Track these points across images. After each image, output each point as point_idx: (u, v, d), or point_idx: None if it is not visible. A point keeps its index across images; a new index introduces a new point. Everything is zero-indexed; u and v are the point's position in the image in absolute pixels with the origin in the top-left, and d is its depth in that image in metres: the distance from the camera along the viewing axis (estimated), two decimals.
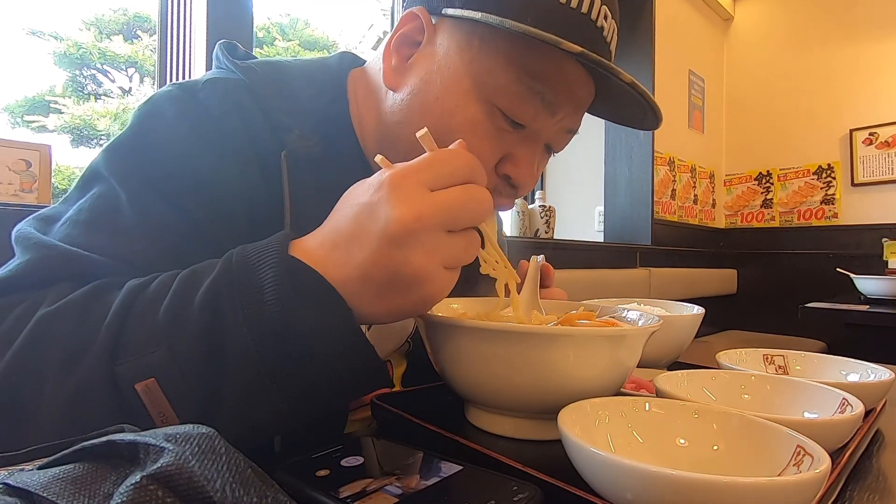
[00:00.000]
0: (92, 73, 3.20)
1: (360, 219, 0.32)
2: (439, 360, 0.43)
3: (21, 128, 3.00)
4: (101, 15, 3.37)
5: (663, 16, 2.42)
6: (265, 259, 0.32)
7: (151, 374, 0.30)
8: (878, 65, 2.41)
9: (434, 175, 0.33)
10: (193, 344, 0.31)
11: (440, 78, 0.47)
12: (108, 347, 0.31)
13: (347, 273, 0.32)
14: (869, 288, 1.88)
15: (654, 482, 0.25)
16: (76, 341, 0.31)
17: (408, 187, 0.32)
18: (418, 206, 0.31)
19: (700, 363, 0.57)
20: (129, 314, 0.32)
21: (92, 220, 0.39)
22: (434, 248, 0.32)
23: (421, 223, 0.31)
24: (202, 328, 0.31)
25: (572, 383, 0.38)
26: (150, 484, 0.19)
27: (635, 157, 2.39)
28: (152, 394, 0.30)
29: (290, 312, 0.31)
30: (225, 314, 0.31)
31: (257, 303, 0.31)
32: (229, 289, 0.31)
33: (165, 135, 0.43)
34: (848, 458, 0.36)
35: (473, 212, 0.33)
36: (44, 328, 0.32)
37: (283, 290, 0.31)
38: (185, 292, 0.32)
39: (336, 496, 0.28)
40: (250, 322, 0.31)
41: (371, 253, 0.32)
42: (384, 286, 0.32)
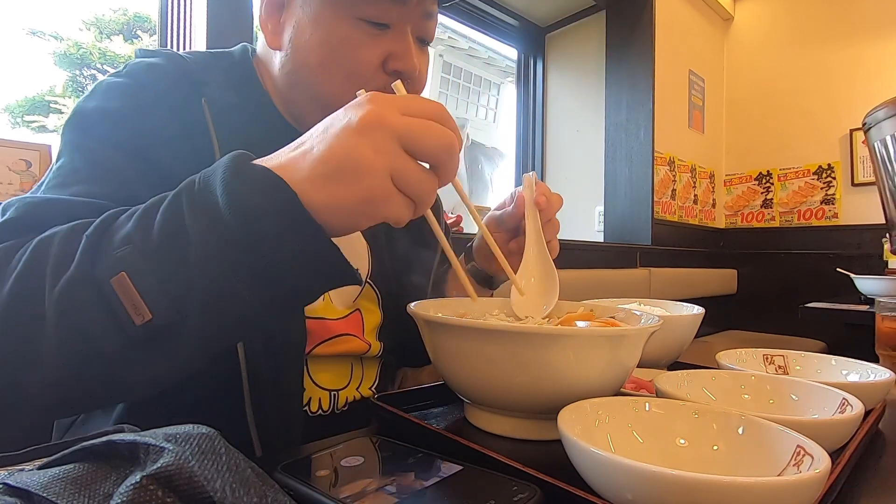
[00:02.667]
0: (92, 73, 3.20)
1: (331, 121, 0.35)
2: (439, 360, 0.43)
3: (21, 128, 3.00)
4: (101, 15, 3.37)
5: (663, 16, 2.42)
6: (217, 168, 0.35)
7: (122, 269, 0.33)
8: (878, 65, 2.41)
9: (408, 103, 0.35)
10: (157, 238, 0.34)
11: (307, 19, 0.55)
12: (88, 255, 0.35)
13: (300, 163, 0.34)
14: (869, 288, 1.88)
15: (654, 482, 0.25)
16: (63, 255, 0.35)
17: (382, 102, 0.35)
18: (385, 111, 0.34)
19: (700, 363, 0.57)
20: (106, 230, 0.36)
21: (59, 182, 0.46)
22: (386, 150, 0.34)
23: (382, 122, 0.33)
24: (164, 225, 0.34)
25: (572, 383, 0.38)
26: (150, 484, 0.19)
27: (635, 157, 2.39)
28: (124, 287, 0.33)
29: (239, 205, 0.33)
30: (184, 211, 0.34)
31: (210, 202, 0.34)
32: (187, 197, 0.35)
33: (101, 104, 0.51)
34: (848, 458, 0.36)
35: (432, 140, 0.35)
36: (38, 251, 0.36)
37: (231, 186, 0.33)
38: (154, 204, 0.36)
39: (336, 496, 0.28)
40: (207, 221, 0.33)
41: (330, 141, 0.34)
42: (332, 172, 0.34)
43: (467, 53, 3.01)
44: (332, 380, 0.61)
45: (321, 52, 0.54)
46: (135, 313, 0.33)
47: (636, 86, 2.40)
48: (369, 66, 0.55)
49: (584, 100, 2.66)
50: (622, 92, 2.45)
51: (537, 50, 2.79)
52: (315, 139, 0.35)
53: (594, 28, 2.61)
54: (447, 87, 2.93)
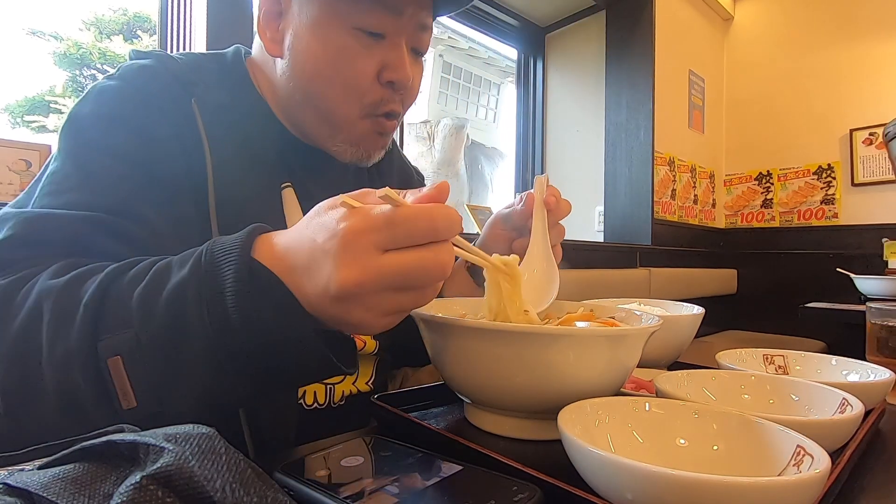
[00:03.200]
0: (92, 73, 3.19)
1: (312, 259, 0.33)
2: (439, 360, 0.43)
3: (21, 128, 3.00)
4: (101, 15, 3.36)
5: (663, 16, 2.41)
6: (229, 258, 0.34)
7: (118, 353, 0.33)
8: (878, 65, 2.41)
9: (391, 236, 0.31)
10: (158, 333, 0.34)
11: (304, 26, 0.56)
12: (89, 324, 0.34)
13: (300, 297, 0.34)
14: (869, 288, 1.88)
15: (654, 482, 0.25)
16: (63, 315, 0.35)
17: (357, 248, 0.31)
18: (361, 272, 0.31)
19: (700, 363, 0.57)
20: (107, 296, 0.36)
21: (53, 190, 0.46)
22: (374, 305, 0.33)
23: (361, 289, 0.31)
24: (168, 320, 0.34)
25: (572, 383, 0.38)
26: (150, 484, 0.19)
27: (635, 157, 2.39)
28: (118, 371, 0.33)
29: (249, 314, 0.33)
30: (188, 311, 0.34)
31: (218, 301, 0.33)
32: (196, 285, 0.34)
33: (94, 109, 0.51)
34: (848, 458, 0.36)
35: (425, 277, 0.33)
36: (40, 301, 0.36)
37: (243, 290, 0.33)
38: (157, 282, 0.35)
39: (336, 496, 0.28)
40: (213, 322, 0.33)
41: (316, 296, 0.33)
42: (327, 321, 0.35)
43: (467, 53, 3.02)
44: None
45: (318, 61, 0.55)
46: (123, 397, 0.34)
47: (636, 86, 2.39)
48: (365, 77, 0.56)
49: (584, 100, 2.65)
50: (622, 92, 2.45)
51: (537, 50, 2.79)
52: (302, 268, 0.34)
53: (594, 28, 2.61)
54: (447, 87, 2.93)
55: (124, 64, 0.56)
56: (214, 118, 0.55)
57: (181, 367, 0.34)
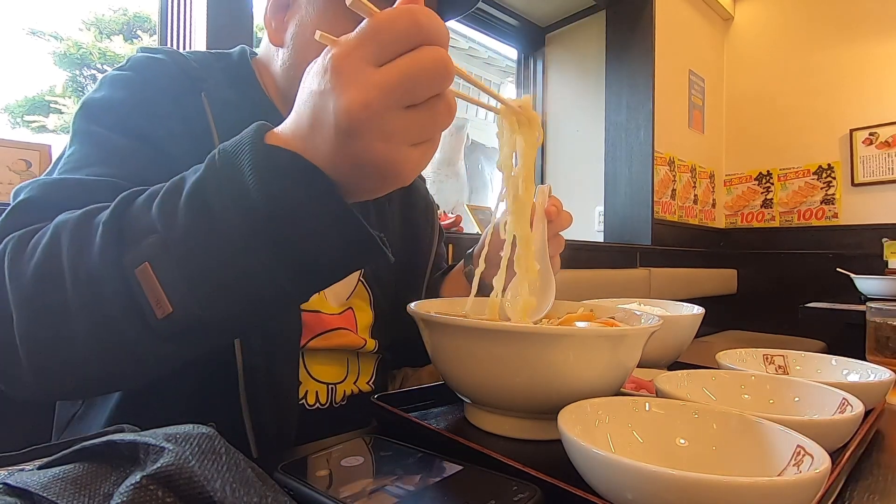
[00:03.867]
0: (92, 73, 3.19)
1: (315, 110, 0.31)
2: (439, 360, 0.43)
3: (21, 128, 3.00)
4: (101, 15, 3.36)
5: (663, 16, 2.41)
6: (243, 148, 0.33)
7: (146, 259, 0.33)
8: (878, 64, 2.41)
9: (378, 46, 0.29)
10: (184, 231, 0.33)
11: (311, 16, 0.57)
12: (110, 241, 0.34)
13: (318, 161, 0.32)
14: (869, 288, 1.88)
15: (654, 482, 0.25)
16: (81, 240, 0.35)
17: (350, 69, 0.29)
18: (363, 91, 0.29)
19: (700, 363, 0.57)
20: (126, 213, 0.35)
21: (69, 168, 0.47)
22: (393, 130, 0.30)
23: (370, 109, 0.29)
24: (191, 217, 0.33)
25: (572, 383, 0.38)
26: (150, 484, 0.19)
27: (635, 157, 2.39)
28: (147, 278, 0.32)
29: (271, 188, 0.31)
30: (212, 202, 0.32)
31: (240, 186, 0.32)
32: (214, 179, 0.33)
33: (107, 95, 0.52)
34: (848, 458, 0.36)
35: (429, 79, 0.30)
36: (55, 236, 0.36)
37: (261, 171, 0.32)
38: (174, 190, 0.35)
39: (336, 496, 0.28)
40: (236, 204, 0.32)
41: (331, 146, 0.31)
42: (354, 173, 0.32)
43: (467, 53, 3.01)
44: (329, 373, 0.61)
45: (320, 47, 0.55)
46: (156, 306, 0.32)
47: (636, 86, 2.39)
48: None
49: (584, 100, 2.65)
50: (622, 92, 2.45)
51: (537, 50, 2.79)
52: (308, 127, 0.32)
53: (594, 28, 2.61)
54: None
55: (134, 56, 0.57)
56: (222, 113, 0.55)
57: (211, 261, 0.32)
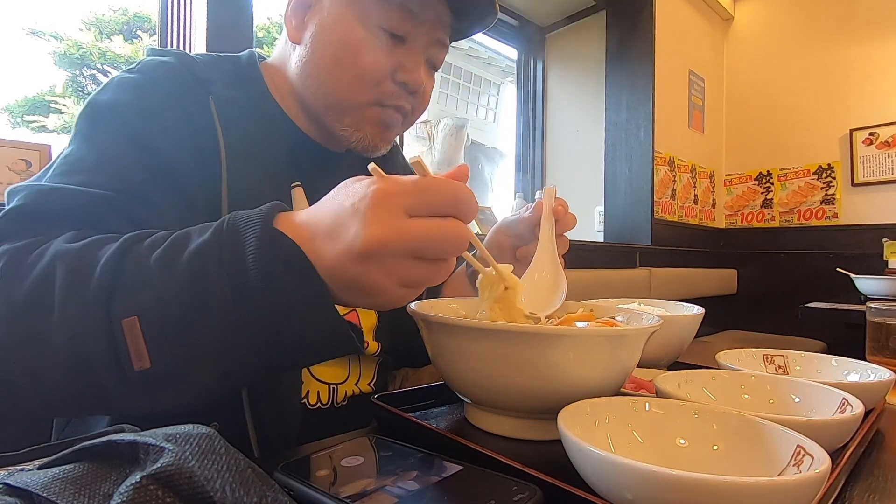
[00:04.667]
0: (92, 73, 3.19)
1: (338, 222, 0.34)
2: (439, 360, 0.43)
3: (21, 128, 3.00)
4: (101, 15, 3.36)
5: (663, 16, 2.41)
6: (252, 224, 0.35)
7: (136, 313, 0.33)
8: (878, 64, 2.41)
9: (418, 201, 0.33)
10: (178, 292, 0.34)
11: (330, 20, 0.58)
12: (106, 284, 0.34)
13: (317, 263, 0.35)
14: (869, 288, 1.88)
15: (654, 482, 0.25)
16: (79, 276, 0.35)
17: (386, 208, 0.33)
18: (388, 230, 0.32)
19: (700, 363, 0.57)
20: (125, 258, 0.36)
21: (65, 171, 0.47)
22: (394, 270, 0.33)
23: (386, 248, 0.32)
24: (187, 281, 0.34)
25: (572, 383, 0.38)
26: (150, 484, 0.19)
27: (635, 157, 2.39)
28: (133, 331, 0.33)
29: (267, 273, 0.34)
30: (210, 269, 0.34)
31: (239, 261, 0.34)
32: (217, 249, 0.35)
33: (113, 97, 0.52)
34: (848, 458, 0.36)
35: (445, 247, 0.34)
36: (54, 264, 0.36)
37: (263, 254, 0.34)
38: (176, 247, 0.36)
39: (336, 496, 0.28)
40: (232, 280, 0.34)
41: (336, 259, 0.34)
42: (344, 287, 0.35)
43: (467, 53, 3.01)
44: (330, 374, 0.61)
45: (338, 49, 0.58)
46: (136, 359, 0.33)
47: (636, 86, 2.39)
48: (379, 71, 0.58)
49: (584, 100, 2.65)
50: (622, 92, 2.45)
51: (537, 50, 2.79)
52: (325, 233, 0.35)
53: (594, 28, 2.61)
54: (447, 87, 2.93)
55: (144, 59, 0.57)
56: (229, 115, 0.56)
57: (198, 328, 0.34)
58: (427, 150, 2.19)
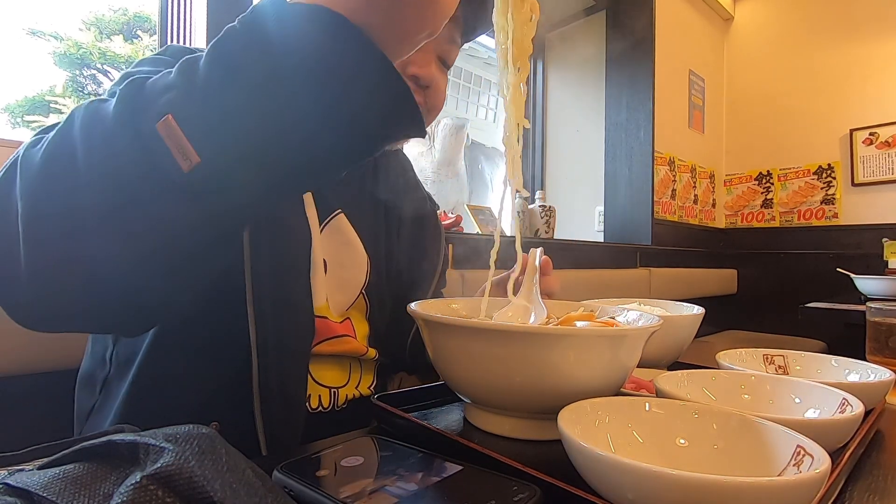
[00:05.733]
0: (92, 73, 3.19)
1: None
2: (439, 360, 0.43)
3: (21, 128, 3.00)
4: (101, 15, 3.36)
5: (663, 16, 2.41)
6: (264, 4, 0.32)
7: (168, 111, 0.31)
8: (878, 64, 2.41)
9: None
10: (204, 79, 0.31)
11: None
12: (127, 105, 0.32)
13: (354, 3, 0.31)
14: (869, 288, 1.88)
15: (654, 482, 0.25)
16: (94, 111, 0.34)
17: None
18: None
19: (700, 363, 0.57)
20: (144, 84, 0.34)
21: None
22: None
23: None
24: (211, 66, 0.31)
25: (572, 383, 0.38)
26: (151, 484, 0.19)
27: (635, 157, 2.39)
28: (170, 130, 0.30)
29: (302, 39, 0.30)
30: (233, 52, 0.31)
31: (262, 33, 0.31)
32: (234, 36, 0.32)
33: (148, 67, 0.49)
34: (848, 458, 0.36)
35: None
36: (69, 118, 0.35)
37: (289, 22, 0.31)
38: (192, 60, 0.33)
39: (336, 496, 0.28)
40: (264, 57, 0.31)
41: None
42: (394, 8, 0.32)
43: (467, 53, 3.01)
44: (332, 378, 0.61)
45: None
46: (182, 158, 0.30)
47: (636, 86, 2.39)
48: None
49: (584, 100, 2.65)
50: (622, 92, 2.45)
51: (537, 50, 2.79)
52: None
53: (594, 28, 2.61)
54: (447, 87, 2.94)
55: (168, 46, 0.57)
56: None
57: (239, 109, 0.31)
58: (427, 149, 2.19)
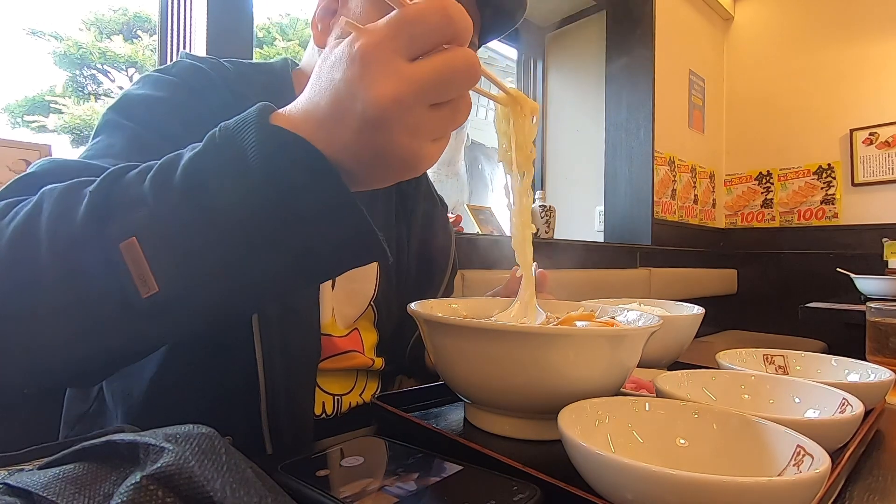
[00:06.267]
0: (92, 73, 3.19)
1: (338, 98, 0.30)
2: (439, 360, 0.43)
3: (21, 128, 3.00)
4: (101, 15, 3.36)
5: (663, 16, 2.41)
6: (247, 126, 0.32)
7: (133, 234, 0.30)
8: (878, 64, 2.41)
9: (409, 39, 0.29)
10: (176, 205, 0.31)
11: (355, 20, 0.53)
12: (95, 211, 0.32)
13: (335, 150, 0.31)
14: (869, 288, 1.88)
15: (654, 482, 0.25)
16: (64, 207, 0.33)
17: (381, 61, 0.29)
18: (395, 84, 0.28)
19: (700, 363, 0.57)
20: (115, 184, 0.33)
21: (91, 156, 0.46)
22: (418, 126, 0.30)
23: (400, 105, 0.29)
24: (185, 191, 0.31)
25: (572, 383, 0.38)
26: (150, 484, 0.19)
27: (635, 157, 2.39)
28: (133, 254, 0.30)
29: (275, 171, 0.30)
30: (209, 177, 0.31)
31: (241, 164, 0.30)
32: (213, 155, 0.32)
33: (148, 93, 0.52)
34: (848, 458, 0.36)
35: (459, 82, 0.30)
36: (39, 203, 0.34)
37: (267, 152, 0.30)
38: (169, 165, 0.33)
39: (336, 496, 0.28)
40: (234, 182, 0.30)
41: (354, 135, 0.30)
42: (372, 164, 0.31)
43: None
44: (337, 385, 0.61)
45: None
46: (141, 285, 0.30)
47: (636, 86, 2.39)
48: None
49: (584, 100, 2.65)
50: (622, 92, 2.45)
51: (537, 50, 2.79)
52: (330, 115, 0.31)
53: (594, 28, 2.61)
54: None
55: (179, 61, 0.57)
56: None
57: (204, 240, 0.31)
58: None
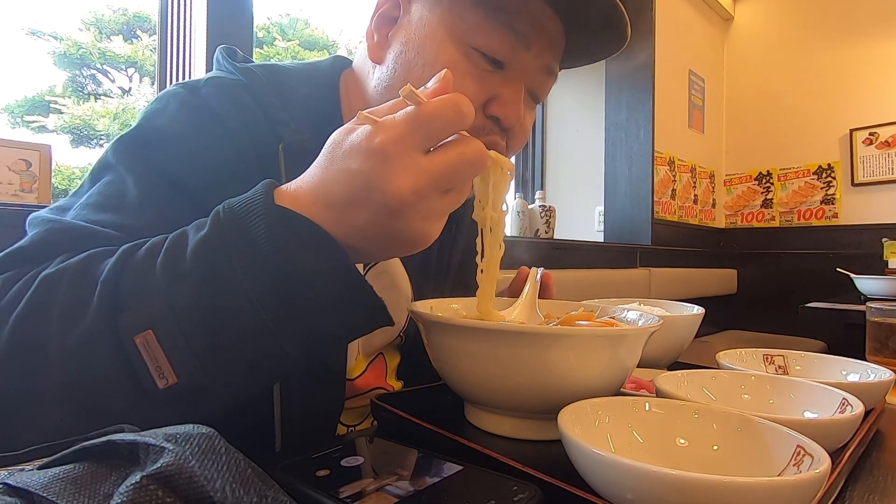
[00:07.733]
0: (92, 73, 3.19)
1: (356, 187, 0.32)
2: (439, 360, 0.43)
3: (21, 128, 3.00)
4: (101, 15, 3.36)
5: (663, 16, 2.41)
6: (253, 210, 0.33)
7: (149, 326, 0.31)
8: (878, 64, 2.41)
9: (426, 135, 0.32)
10: (191, 297, 0.31)
11: (418, 37, 0.50)
12: (107, 303, 0.32)
13: (345, 232, 0.33)
14: (869, 288, 1.88)
15: (654, 482, 0.25)
16: (75, 299, 0.33)
17: (401, 156, 0.31)
18: (414, 177, 0.31)
19: (700, 363, 0.57)
20: (125, 271, 0.33)
21: (100, 203, 0.43)
22: (430, 210, 0.33)
23: (418, 195, 0.31)
24: (199, 281, 0.32)
25: (572, 383, 0.38)
26: (151, 484, 0.19)
27: (635, 157, 2.39)
28: (150, 346, 0.31)
29: (287, 258, 0.32)
30: (220, 266, 0.32)
31: (252, 252, 0.31)
32: (221, 242, 0.32)
33: (170, 126, 0.47)
34: (848, 458, 0.36)
35: (469, 173, 0.34)
36: (44, 289, 0.33)
37: (278, 238, 0.32)
38: (177, 248, 0.33)
39: (336, 496, 0.28)
40: (246, 271, 0.31)
41: (370, 219, 0.32)
42: (382, 244, 0.34)
43: None
44: (352, 418, 0.61)
45: (423, 72, 0.49)
46: (159, 376, 0.31)
47: (636, 86, 2.40)
48: None
49: (584, 100, 2.65)
50: (622, 92, 2.45)
51: None
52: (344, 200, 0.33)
53: None
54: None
55: (214, 77, 0.51)
56: (297, 165, 0.47)
57: (220, 329, 0.31)
58: None
